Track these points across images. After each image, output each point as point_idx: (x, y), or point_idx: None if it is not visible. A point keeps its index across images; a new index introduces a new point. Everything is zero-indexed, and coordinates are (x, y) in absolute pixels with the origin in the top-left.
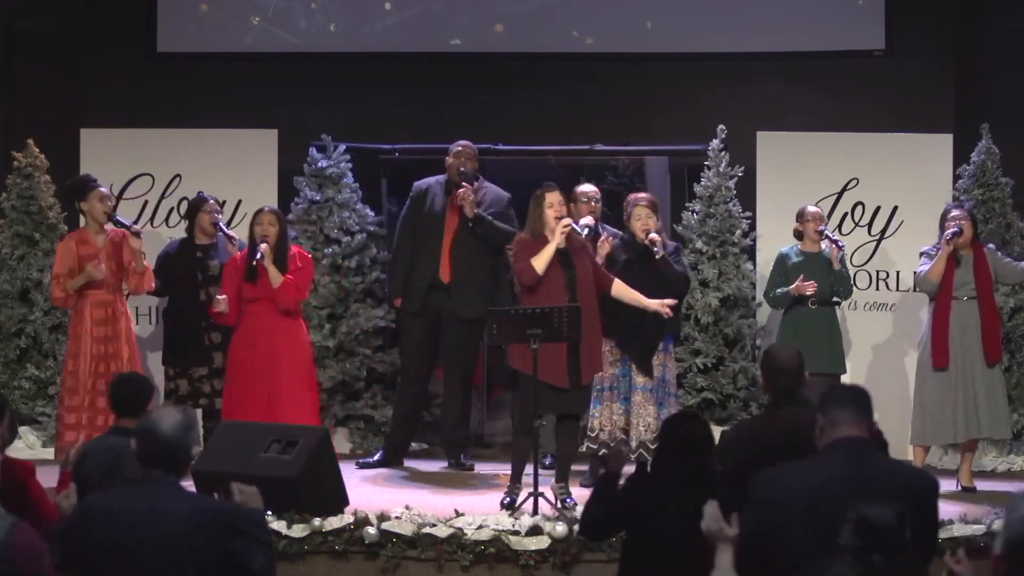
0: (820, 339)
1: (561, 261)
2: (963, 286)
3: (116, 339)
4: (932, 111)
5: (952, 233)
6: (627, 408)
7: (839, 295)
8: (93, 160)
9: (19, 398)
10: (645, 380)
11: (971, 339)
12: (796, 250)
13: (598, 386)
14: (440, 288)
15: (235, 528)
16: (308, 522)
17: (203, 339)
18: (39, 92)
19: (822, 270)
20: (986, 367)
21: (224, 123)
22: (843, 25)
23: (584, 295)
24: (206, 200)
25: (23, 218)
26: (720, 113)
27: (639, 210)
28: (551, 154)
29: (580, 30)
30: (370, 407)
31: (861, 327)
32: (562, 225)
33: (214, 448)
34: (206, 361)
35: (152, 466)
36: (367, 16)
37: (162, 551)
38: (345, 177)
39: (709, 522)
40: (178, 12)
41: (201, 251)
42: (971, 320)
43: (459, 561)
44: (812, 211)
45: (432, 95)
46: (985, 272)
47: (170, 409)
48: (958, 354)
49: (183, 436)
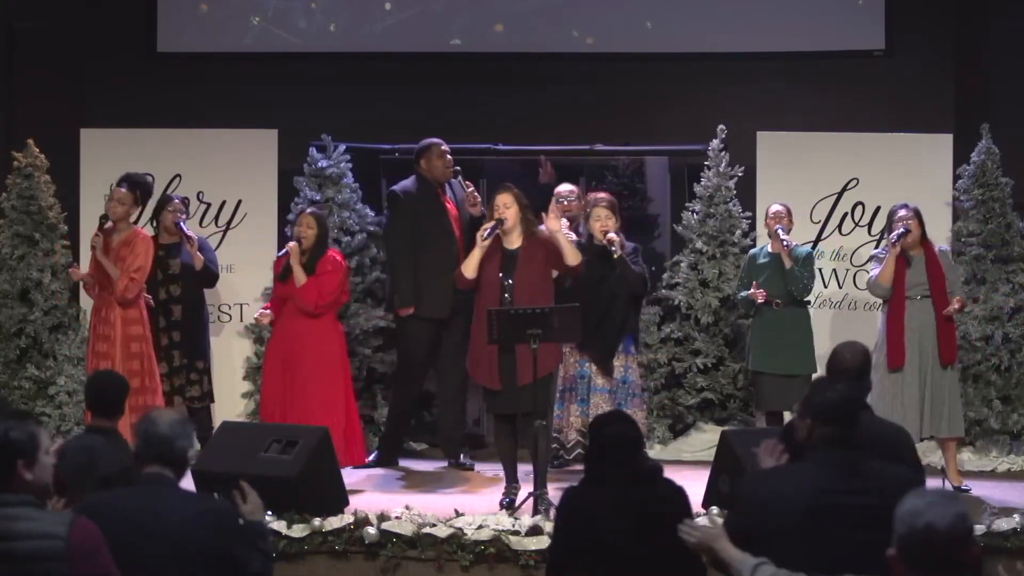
0: (787, 340)
1: (503, 264)
2: (916, 286)
3: (109, 340)
4: (932, 111)
5: (899, 234)
6: (583, 410)
7: (795, 294)
8: (93, 160)
9: (19, 398)
10: (604, 382)
11: (927, 339)
12: (764, 251)
13: (560, 387)
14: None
15: (237, 531)
16: (308, 522)
17: (160, 337)
18: (39, 92)
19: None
20: (941, 368)
21: (224, 123)
22: (843, 25)
23: (527, 298)
24: (171, 199)
25: (23, 218)
26: (720, 113)
27: (598, 211)
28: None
29: (580, 30)
30: (370, 407)
31: (861, 327)
32: (481, 230)
33: (214, 448)
34: (164, 359)
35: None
36: (367, 16)
37: (164, 550)
38: (345, 177)
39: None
40: (178, 12)
41: (163, 250)
42: (927, 320)
43: (459, 561)
44: (772, 210)
45: (432, 95)
46: (938, 271)
47: (167, 410)
48: (915, 354)
49: (180, 436)
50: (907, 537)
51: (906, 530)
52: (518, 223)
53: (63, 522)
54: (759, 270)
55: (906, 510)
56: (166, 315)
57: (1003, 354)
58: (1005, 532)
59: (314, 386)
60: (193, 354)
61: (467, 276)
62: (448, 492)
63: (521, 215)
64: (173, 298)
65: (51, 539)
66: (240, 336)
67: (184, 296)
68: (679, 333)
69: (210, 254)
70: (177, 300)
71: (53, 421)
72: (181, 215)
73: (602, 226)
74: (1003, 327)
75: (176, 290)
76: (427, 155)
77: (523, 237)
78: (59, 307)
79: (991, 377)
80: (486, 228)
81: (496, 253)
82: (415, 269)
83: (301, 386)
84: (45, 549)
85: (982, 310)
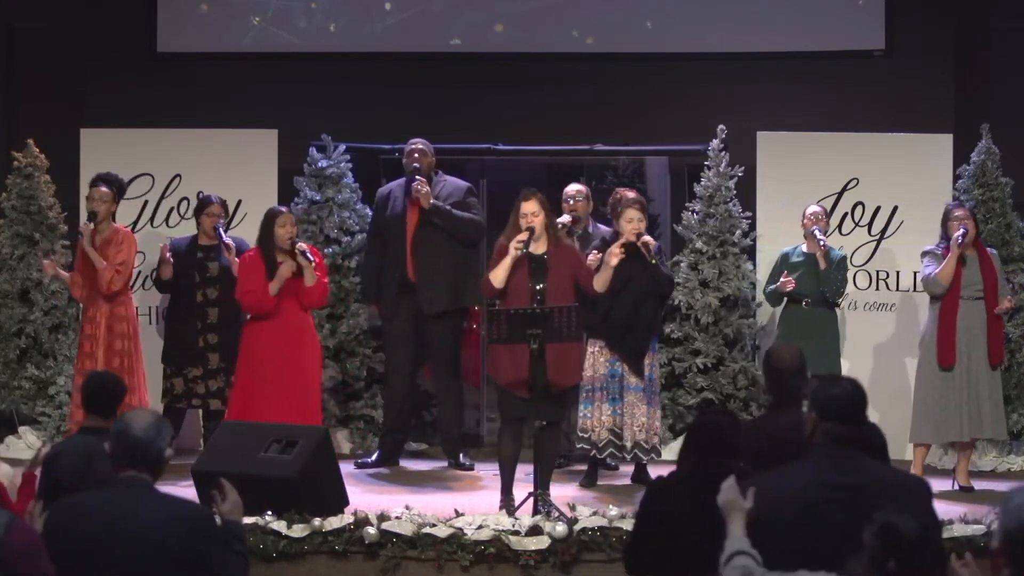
0: (814, 338)
1: (533, 270)
2: (969, 286)
3: (93, 339)
4: (932, 111)
5: (962, 234)
6: (615, 409)
7: (827, 296)
8: (93, 160)
9: (19, 398)
10: (637, 380)
11: (977, 340)
12: (799, 250)
13: (588, 387)
14: (409, 287)
15: (212, 533)
16: (308, 522)
17: (197, 340)
18: (39, 92)
19: (817, 271)
20: (989, 368)
21: (224, 123)
22: (843, 25)
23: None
24: (210, 202)
25: (23, 218)
26: (720, 113)
27: (630, 212)
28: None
29: (580, 30)
30: (370, 407)
31: (861, 327)
32: (515, 242)
33: (214, 448)
34: (201, 362)
35: (125, 467)
36: (367, 16)
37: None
38: (345, 177)
39: (726, 492)
40: (178, 12)
41: (202, 252)
42: (977, 320)
43: (459, 561)
44: (810, 211)
45: (432, 95)
46: (991, 272)
47: (143, 411)
48: (964, 353)
49: (156, 437)
50: (1016, 533)
51: (1015, 526)
52: (544, 229)
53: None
54: (792, 268)
55: (1016, 505)
56: (202, 318)
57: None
58: None
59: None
60: (231, 357)
61: (496, 286)
62: (448, 492)
63: (547, 221)
64: (210, 301)
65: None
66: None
67: (221, 299)
68: (679, 333)
69: None
70: (214, 303)
71: (53, 421)
72: (219, 219)
73: (635, 228)
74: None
75: (213, 293)
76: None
77: (549, 242)
78: (59, 307)
79: None
80: (521, 240)
81: (523, 259)
82: (378, 267)
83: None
84: None
85: None
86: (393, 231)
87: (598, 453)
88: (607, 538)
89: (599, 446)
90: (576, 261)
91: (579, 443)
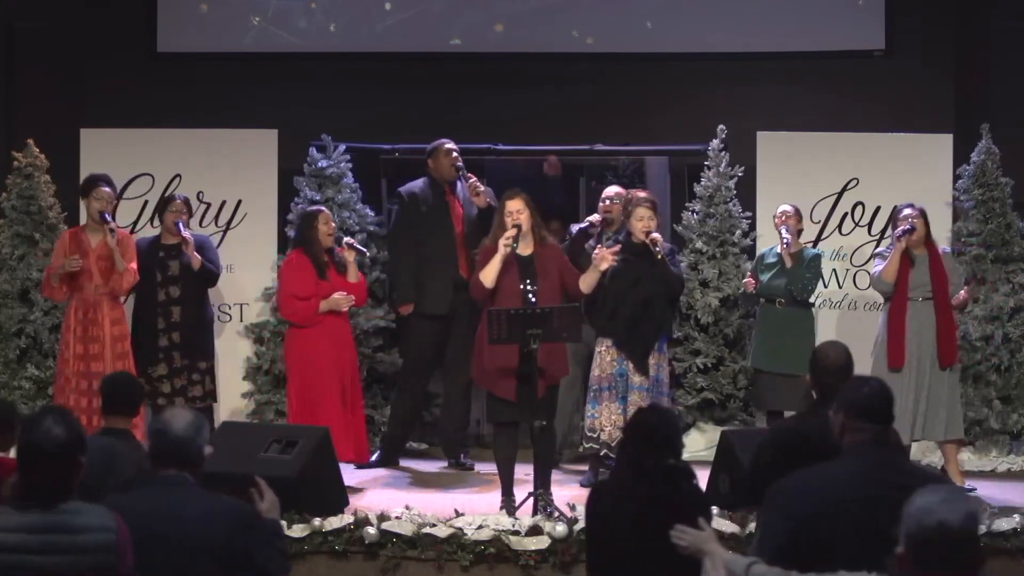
0: (788, 339)
1: (522, 270)
2: (919, 287)
3: (99, 340)
4: (932, 111)
5: (903, 230)
6: (624, 407)
7: (794, 294)
8: (93, 160)
9: (19, 398)
10: (642, 380)
11: (926, 341)
12: (773, 251)
13: (595, 386)
14: (463, 286)
15: (254, 529)
16: (308, 522)
17: (159, 338)
18: (39, 92)
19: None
20: (939, 370)
21: (224, 123)
22: (843, 25)
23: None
24: (174, 199)
25: (23, 218)
26: (720, 113)
27: (641, 210)
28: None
29: (580, 30)
30: (370, 407)
31: (861, 327)
32: (504, 238)
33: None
34: (164, 360)
35: (165, 465)
36: (367, 16)
37: (181, 549)
38: (345, 177)
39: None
40: (178, 12)
41: (164, 251)
42: (927, 321)
43: (459, 561)
44: (780, 209)
45: (432, 95)
46: (941, 273)
47: (181, 410)
48: (913, 355)
49: (195, 435)
50: (918, 535)
51: (917, 528)
52: (530, 228)
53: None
54: (765, 269)
55: (917, 507)
56: (165, 316)
57: (1003, 354)
58: (1005, 532)
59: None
60: (195, 355)
61: (486, 286)
62: (448, 492)
63: (532, 220)
64: (172, 299)
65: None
66: (240, 336)
67: (184, 297)
68: (679, 333)
69: (211, 253)
70: (177, 301)
71: None
72: (183, 216)
73: (644, 226)
74: (1003, 327)
75: (176, 291)
76: (435, 155)
77: (535, 243)
78: (59, 307)
79: (991, 377)
80: (510, 237)
81: (511, 260)
82: (416, 266)
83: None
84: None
85: (982, 310)
86: (437, 232)
87: (610, 452)
88: None
89: (611, 445)
90: (562, 261)
91: (587, 443)
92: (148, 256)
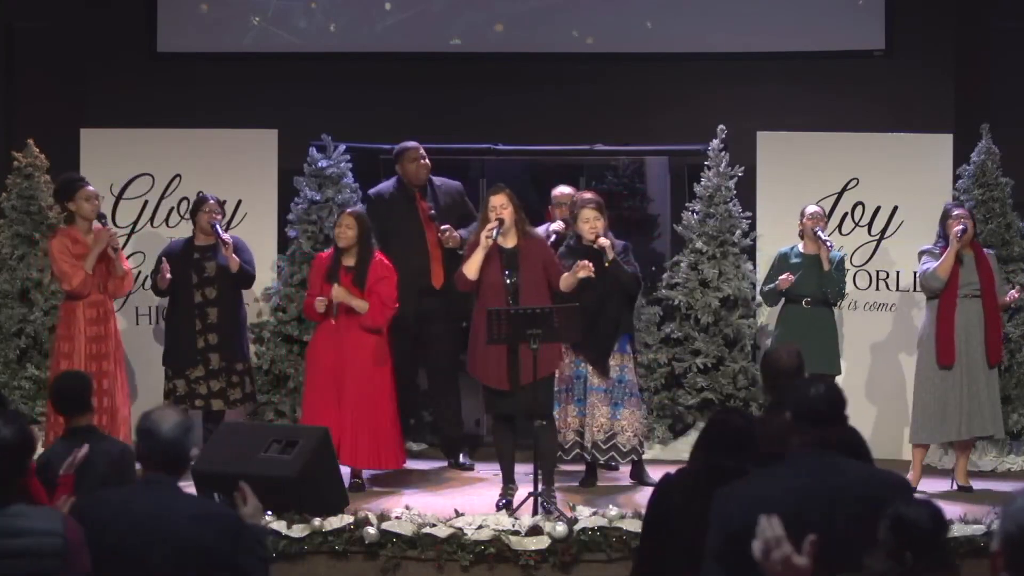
0: (813, 339)
1: (506, 263)
2: (966, 285)
3: (107, 339)
4: (932, 111)
5: (961, 230)
6: (580, 409)
7: (829, 297)
8: (93, 160)
9: (19, 398)
10: (600, 381)
11: (975, 338)
12: (796, 250)
13: (556, 388)
14: (431, 293)
15: (238, 535)
16: (308, 522)
17: (196, 340)
18: (39, 92)
19: (818, 271)
20: (987, 367)
21: (224, 123)
22: (843, 25)
23: (531, 299)
24: (206, 200)
25: (23, 218)
26: (720, 113)
27: (586, 212)
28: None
29: (580, 30)
30: None
31: (860, 327)
32: (486, 230)
33: (214, 448)
34: (201, 362)
35: (152, 467)
36: (367, 16)
37: (163, 551)
38: (345, 177)
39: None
40: (178, 12)
41: (199, 252)
42: (974, 319)
43: (459, 561)
44: (810, 211)
45: (432, 95)
46: (988, 271)
47: (169, 410)
48: (962, 352)
49: (183, 437)
50: (1016, 536)
51: (1015, 529)
52: (513, 223)
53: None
54: (792, 269)
55: (1018, 507)
56: (202, 318)
57: (1003, 354)
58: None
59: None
60: (232, 356)
61: (469, 277)
62: (448, 492)
63: (516, 215)
64: (209, 301)
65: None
66: None
67: (220, 299)
68: (679, 333)
69: (246, 255)
70: (213, 303)
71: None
72: (217, 216)
73: (591, 228)
74: (1003, 327)
75: (212, 293)
76: (402, 159)
77: (518, 236)
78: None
79: None
80: (491, 229)
81: (494, 253)
82: None
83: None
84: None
85: None
86: (407, 239)
87: (564, 455)
88: (607, 538)
89: (564, 447)
90: (546, 254)
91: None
92: (182, 258)
